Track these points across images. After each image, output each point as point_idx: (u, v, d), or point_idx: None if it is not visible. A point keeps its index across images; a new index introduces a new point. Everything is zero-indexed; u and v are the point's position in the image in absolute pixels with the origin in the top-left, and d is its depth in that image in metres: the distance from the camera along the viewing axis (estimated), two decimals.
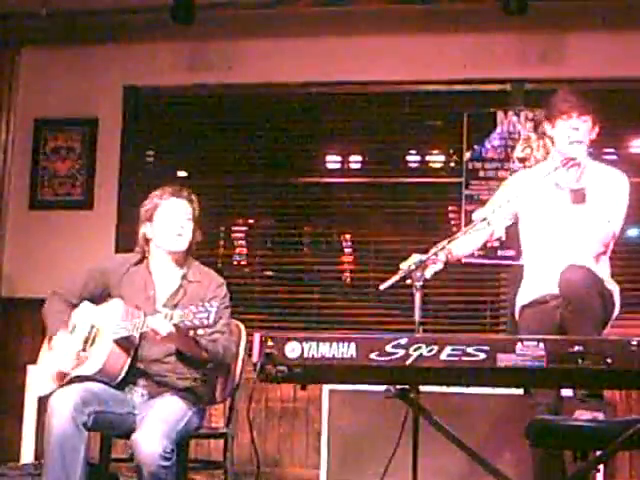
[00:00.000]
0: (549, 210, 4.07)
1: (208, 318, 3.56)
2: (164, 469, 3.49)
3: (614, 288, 3.95)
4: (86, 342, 3.86)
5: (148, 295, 4.01)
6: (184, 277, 4.07)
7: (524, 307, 4.08)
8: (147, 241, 4.12)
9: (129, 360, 3.85)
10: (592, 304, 3.67)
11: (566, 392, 3.85)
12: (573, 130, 3.98)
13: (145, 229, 4.11)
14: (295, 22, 6.25)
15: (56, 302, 4.04)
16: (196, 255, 4.21)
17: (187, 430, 3.79)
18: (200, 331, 3.66)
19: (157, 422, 3.61)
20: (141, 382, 3.91)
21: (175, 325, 3.63)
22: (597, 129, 4.08)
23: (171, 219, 4.05)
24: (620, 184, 4.06)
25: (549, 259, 4.02)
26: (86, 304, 4.01)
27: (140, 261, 4.12)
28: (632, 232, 5.94)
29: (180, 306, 3.93)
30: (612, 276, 4.10)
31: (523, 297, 4.11)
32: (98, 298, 4.06)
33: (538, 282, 4.04)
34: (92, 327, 3.88)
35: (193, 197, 4.14)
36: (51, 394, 3.72)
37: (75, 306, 4.01)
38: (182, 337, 3.71)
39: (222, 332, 3.90)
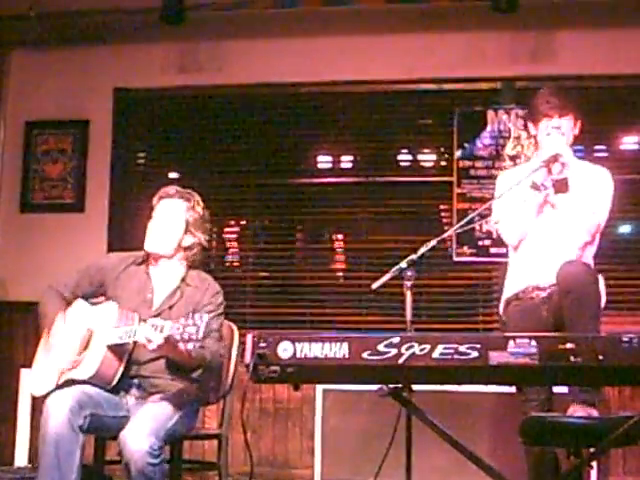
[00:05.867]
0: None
1: (197, 332, 3.50)
2: (152, 467, 3.46)
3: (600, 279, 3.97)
4: (80, 345, 3.84)
5: (145, 298, 3.99)
6: (183, 280, 4.05)
7: (509, 301, 4.09)
8: None
9: (123, 366, 3.83)
10: (592, 295, 3.70)
11: (560, 389, 3.86)
12: (554, 129, 4.04)
13: None
14: (285, 22, 6.26)
15: (52, 296, 4.03)
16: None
17: (177, 430, 3.76)
18: (190, 345, 3.59)
19: (145, 420, 3.59)
20: (134, 386, 3.89)
21: (165, 337, 3.60)
22: (579, 124, 4.13)
23: (152, 221, 4.06)
24: (603, 178, 4.10)
25: (534, 250, 4.05)
26: (80, 302, 4.00)
27: (141, 262, 4.11)
28: (624, 228, 5.96)
29: (175, 309, 3.93)
30: (603, 272, 4.12)
31: (508, 290, 4.13)
32: (93, 295, 4.05)
33: (522, 273, 4.07)
34: (87, 330, 3.86)
35: (189, 195, 4.10)
36: (45, 395, 3.71)
37: (69, 303, 4.00)
38: (171, 348, 3.69)
39: (212, 338, 3.87)
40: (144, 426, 3.54)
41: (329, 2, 6.14)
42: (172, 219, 4.05)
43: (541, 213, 4.05)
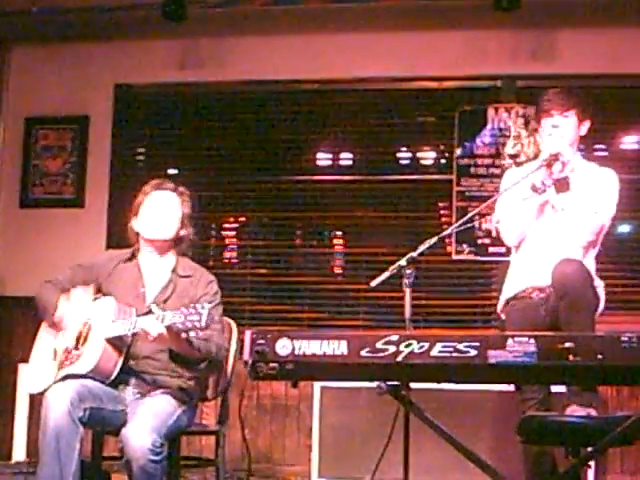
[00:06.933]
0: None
1: (200, 320, 3.54)
2: (153, 463, 3.47)
3: (599, 284, 3.97)
4: (78, 339, 3.85)
5: (138, 292, 4.00)
6: (173, 270, 4.07)
7: (508, 300, 4.10)
8: (137, 236, 4.13)
9: (121, 359, 3.84)
10: (587, 297, 3.69)
11: (558, 388, 3.86)
12: (553, 127, 4.03)
13: (133, 223, 4.12)
14: (286, 19, 6.25)
15: (49, 288, 4.04)
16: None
17: (177, 426, 3.78)
18: (192, 333, 3.68)
19: (147, 417, 3.60)
20: (133, 381, 3.90)
21: (167, 327, 3.62)
22: (587, 124, 4.11)
23: (152, 209, 4.09)
24: (609, 179, 4.08)
25: (534, 250, 4.05)
26: (79, 292, 3.99)
27: (130, 258, 4.12)
28: (624, 228, 5.95)
29: (170, 302, 3.93)
30: (603, 272, 4.12)
31: (508, 290, 4.13)
32: None
33: (523, 274, 4.06)
34: (84, 324, 3.87)
35: (182, 190, 4.16)
36: (43, 392, 3.71)
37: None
38: (174, 338, 3.70)
39: (215, 330, 3.89)
40: (146, 423, 3.55)
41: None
42: (171, 210, 4.10)
43: (542, 214, 4.04)
